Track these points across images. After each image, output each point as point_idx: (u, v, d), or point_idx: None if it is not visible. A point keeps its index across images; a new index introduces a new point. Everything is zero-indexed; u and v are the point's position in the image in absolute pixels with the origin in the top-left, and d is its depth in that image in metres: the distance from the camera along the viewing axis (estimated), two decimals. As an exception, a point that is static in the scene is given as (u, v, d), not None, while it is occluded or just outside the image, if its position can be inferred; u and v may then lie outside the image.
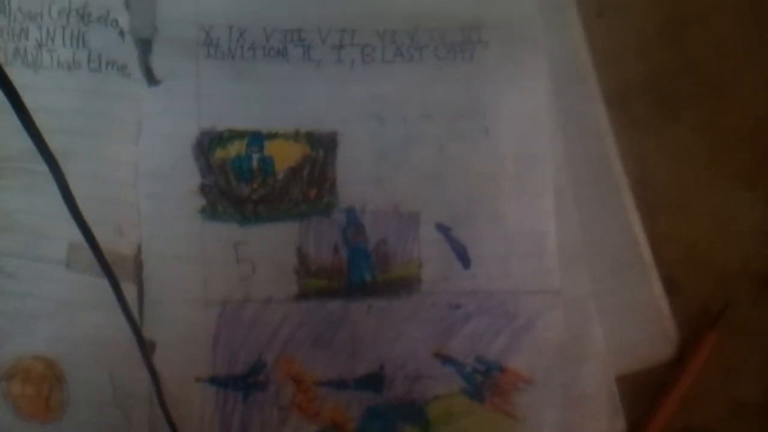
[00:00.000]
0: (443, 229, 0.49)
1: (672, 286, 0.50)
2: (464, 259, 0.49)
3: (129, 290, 0.47)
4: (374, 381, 0.49)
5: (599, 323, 0.49)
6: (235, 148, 0.49)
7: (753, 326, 0.51)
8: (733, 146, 0.52)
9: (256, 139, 0.49)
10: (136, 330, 0.44)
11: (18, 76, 0.46)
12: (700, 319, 0.50)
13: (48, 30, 0.49)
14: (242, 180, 0.49)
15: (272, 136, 0.49)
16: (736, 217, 0.52)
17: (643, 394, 0.50)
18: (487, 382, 0.49)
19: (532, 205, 0.50)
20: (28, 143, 0.47)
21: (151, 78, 0.49)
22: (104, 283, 0.47)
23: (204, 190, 0.49)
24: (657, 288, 0.50)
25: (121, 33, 0.49)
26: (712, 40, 0.53)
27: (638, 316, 0.50)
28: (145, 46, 0.49)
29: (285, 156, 0.49)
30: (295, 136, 0.49)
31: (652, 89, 0.52)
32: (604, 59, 0.51)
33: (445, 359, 0.49)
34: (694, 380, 0.49)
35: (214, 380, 0.48)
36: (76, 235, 0.47)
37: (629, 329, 0.50)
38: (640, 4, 0.52)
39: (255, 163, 0.49)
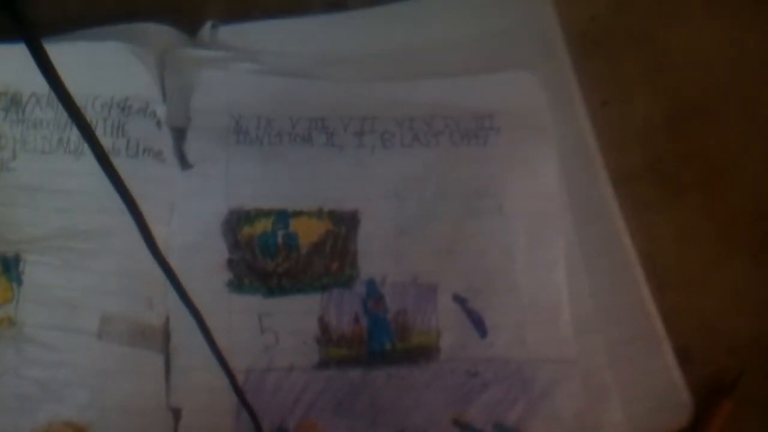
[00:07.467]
0: (460, 300, 0.51)
1: (685, 356, 0.51)
2: (481, 328, 0.50)
3: (156, 360, 0.49)
4: (395, 448, 0.48)
5: (615, 392, 0.49)
6: (262, 226, 0.51)
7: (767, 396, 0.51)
8: (737, 226, 0.54)
9: (282, 217, 0.51)
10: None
11: (61, 162, 0.51)
12: (714, 389, 0.50)
13: (91, 121, 0.51)
14: (268, 255, 0.51)
15: (297, 214, 0.52)
16: (744, 292, 0.53)
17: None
18: (506, 449, 0.49)
19: (545, 277, 0.51)
20: (64, 222, 0.50)
21: (184, 162, 0.52)
22: (135, 352, 0.49)
23: (231, 264, 0.51)
24: (670, 358, 0.51)
25: (158, 123, 0.52)
26: (711, 130, 0.56)
27: (652, 384, 0.50)
28: (179, 135, 0.52)
29: (309, 232, 0.51)
30: (319, 213, 0.52)
31: (656, 173, 0.55)
32: (608, 145, 0.54)
33: (464, 426, 0.49)
34: (711, 448, 0.49)
35: (238, 446, 0.48)
36: (109, 306, 0.49)
37: (644, 397, 0.50)
38: (641, 97, 0.56)
39: (280, 239, 0.51)
